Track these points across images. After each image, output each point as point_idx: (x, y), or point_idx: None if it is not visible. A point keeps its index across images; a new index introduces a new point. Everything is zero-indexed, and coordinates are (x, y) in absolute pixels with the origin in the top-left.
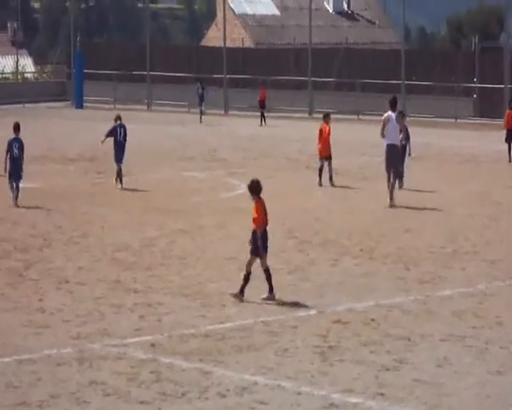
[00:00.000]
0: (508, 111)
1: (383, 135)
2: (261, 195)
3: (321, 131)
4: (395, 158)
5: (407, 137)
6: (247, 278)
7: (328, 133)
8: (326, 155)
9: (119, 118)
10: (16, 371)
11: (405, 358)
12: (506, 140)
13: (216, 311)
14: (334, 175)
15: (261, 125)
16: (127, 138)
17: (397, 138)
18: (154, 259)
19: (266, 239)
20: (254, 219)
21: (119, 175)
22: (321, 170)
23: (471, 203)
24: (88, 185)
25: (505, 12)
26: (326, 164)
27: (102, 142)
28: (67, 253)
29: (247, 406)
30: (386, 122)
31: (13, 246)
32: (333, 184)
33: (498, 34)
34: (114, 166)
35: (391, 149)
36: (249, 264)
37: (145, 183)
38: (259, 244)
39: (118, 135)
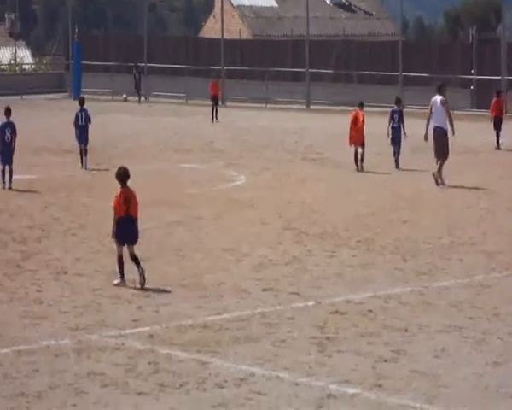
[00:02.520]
0: (495, 99)
1: (429, 120)
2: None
3: (355, 118)
4: (441, 139)
5: (401, 120)
6: (119, 261)
7: (363, 121)
8: (361, 142)
9: (82, 102)
10: (14, 362)
11: (403, 349)
12: (494, 127)
13: (213, 302)
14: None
15: (213, 121)
16: (91, 120)
17: (442, 121)
18: (152, 250)
19: (127, 230)
20: (113, 207)
21: (82, 155)
22: (356, 155)
23: (468, 195)
24: (86, 177)
25: (502, 4)
26: (360, 150)
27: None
28: (65, 244)
29: (245, 396)
30: (432, 106)
31: (10, 237)
32: (361, 169)
33: (495, 26)
34: (76, 146)
35: (435, 131)
36: (117, 249)
37: (142, 174)
38: (113, 231)
39: (80, 119)
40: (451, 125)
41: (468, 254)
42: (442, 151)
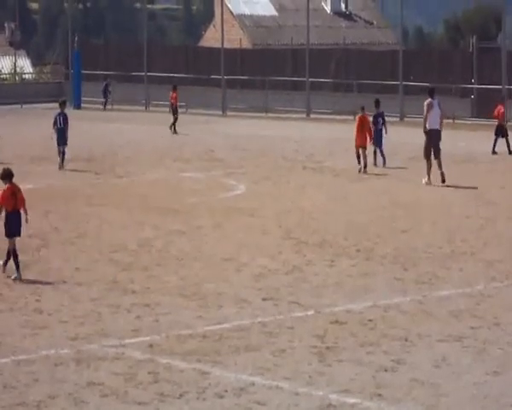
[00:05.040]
0: (499, 106)
1: (425, 122)
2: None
3: (362, 121)
4: (436, 140)
5: (384, 121)
6: (8, 254)
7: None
8: (365, 144)
9: (62, 104)
10: (14, 372)
11: (403, 358)
12: (496, 133)
13: (213, 311)
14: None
15: (175, 132)
16: (68, 122)
17: (437, 123)
18: (151, 259)
19: (15, 223)
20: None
21: (60, 156)
22: (359, 157)
23: (468, 203)
24: (85, 186)
25: (502, 12)
26: (362, 152)
27: (52, 135)
28: (65, 253)
29: (245, 406)
30: (429, 109)
31: None
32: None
33: (496, 34)
34: (56, 149)
35: (433, 133)
36: (9, 243)
37: (142, 183)
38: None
39: (58, 123)
40: (442, 127)
41: (468, 264)
42: (438, 151)
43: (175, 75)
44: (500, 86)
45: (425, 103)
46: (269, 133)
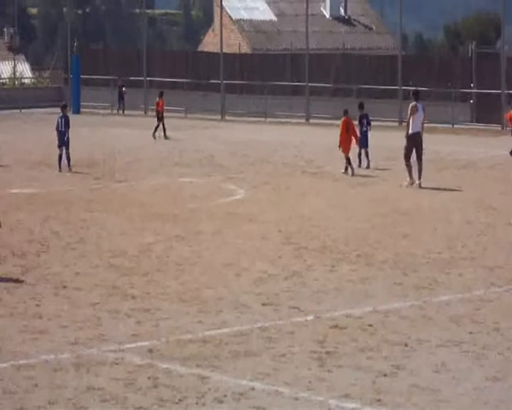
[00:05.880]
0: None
1: (409, 125)
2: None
3: (347, 124)
4: (418, 144)
5: (369, 123)
6: None
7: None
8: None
9: (63, 107)
10: (13, 377)
11: (402, 364)
12: None
13: (213, 316)
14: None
15: (166, 137)
16: (69, 125)
17: (420, 126)
18: (151, 264)
19: None
20: None
21: (67, 157)
22: (349, 159)
23: (467, 209)
24: (85, 191)
25: (501, 18)
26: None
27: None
28: (64, 258)
29: None
30: (414, 112)
31: (10, 251)
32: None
33: (495, 40)
34: (58, 151)
35: (417, 136)
36: None
37: (142, 189)
38: None
39: (59, 125)
40: (423, 130)
41: (467, 269)
42: (421, 155)
43: (174, 80)
44: (499, 91)
45: (410, 106)
46: (268, 138)
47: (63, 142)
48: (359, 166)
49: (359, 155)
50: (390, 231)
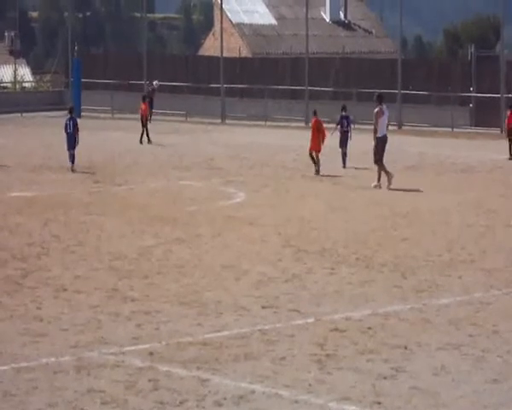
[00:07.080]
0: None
1: (376, 129)
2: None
3: (317, 125)
4: (385, 146)
5: (350, 125)
6: None
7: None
8: (319, 148)
9: (70, 110)
10: (14, 380)
11: (402, 366)
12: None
13: (213, 319)
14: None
15: (149, 141)
16: (78, 128)
17: (385, 129)
18: (151, 267)
19: None
20: None
21: (71, 159)
22: (313, 159)
23: (467, 212)
24: (85, 194)
25: (501, 21)
26: (316, 155)
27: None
28: (64, 261)
29: None
30: (380, 115)
31: (10, 254)
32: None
33: (494, 44)
34: (67, 154)
35: (385, 138)
36: None
37: (142, 192)
38: None
39: (67, 127)
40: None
41: (467, 272)
42: (383, 156)
43: (175, 84)
44: (499, 95)
45: (375, 111)
46: (268, 142)
47: (71, 144)
48: (343, 166)
49: (343, 155)
50: (389, 234)
